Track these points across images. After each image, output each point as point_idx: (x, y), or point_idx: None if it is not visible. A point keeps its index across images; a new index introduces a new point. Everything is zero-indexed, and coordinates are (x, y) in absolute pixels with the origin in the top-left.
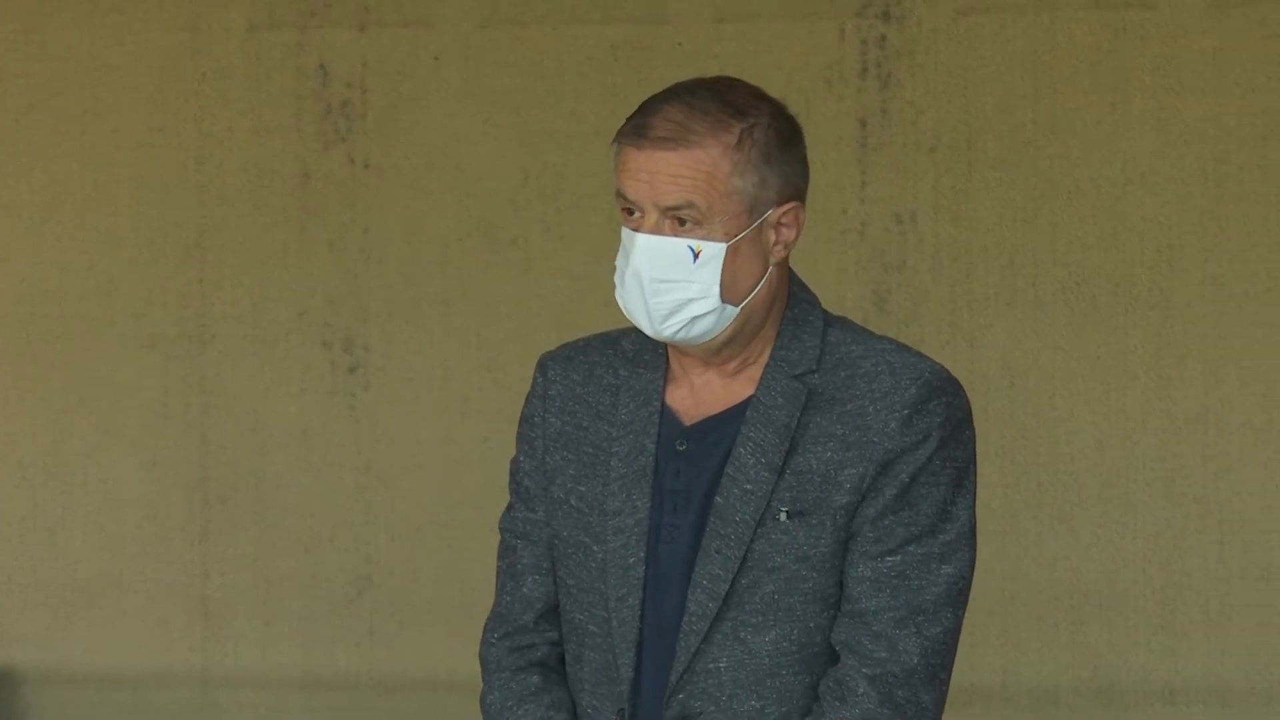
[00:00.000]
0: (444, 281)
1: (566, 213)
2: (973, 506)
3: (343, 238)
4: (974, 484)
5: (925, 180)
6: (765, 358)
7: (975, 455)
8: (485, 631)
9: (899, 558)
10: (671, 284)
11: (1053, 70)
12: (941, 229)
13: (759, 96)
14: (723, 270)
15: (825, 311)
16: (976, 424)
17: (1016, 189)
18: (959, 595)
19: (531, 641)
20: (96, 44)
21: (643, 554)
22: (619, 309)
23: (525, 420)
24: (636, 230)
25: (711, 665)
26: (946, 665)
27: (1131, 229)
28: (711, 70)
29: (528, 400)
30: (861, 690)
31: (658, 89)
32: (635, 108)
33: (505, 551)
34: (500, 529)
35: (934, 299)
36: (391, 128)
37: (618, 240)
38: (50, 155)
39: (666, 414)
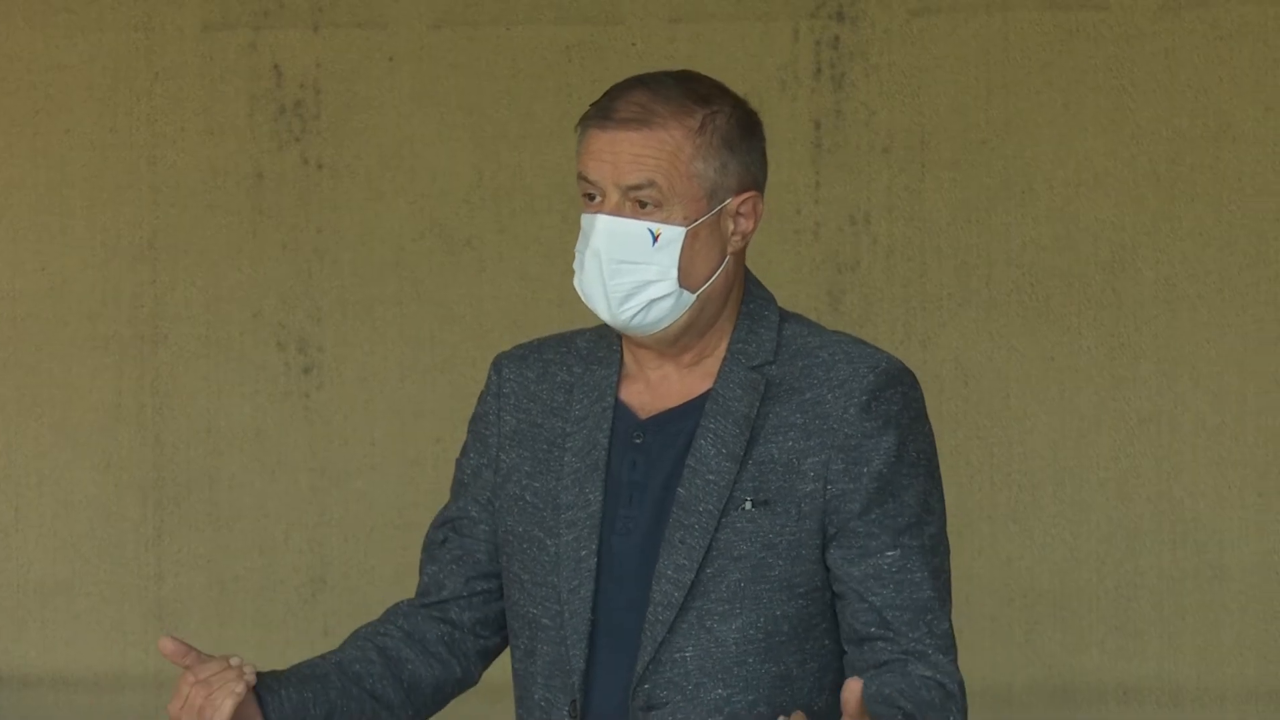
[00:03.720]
0: (398, 282)
1: (521, 213)
2: (943, 499)
3: (296, 238)
4: (940, 476)
5: (879, 181)
6: (722, 351)
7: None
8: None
9: (897, 552)
10: (631, 265)
11: (1005, 71)
12: (895, 229)
13: (721, 88)
14: (681, 254)
15: (781, 308)
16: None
17: (970, 189)
18: (948, 589)
19: (437, 615)
20: (48, 44)
21: (595, 546)
22: (573, 310)
23: (479, 418)
24: (596, 213)
25: (678, 655)
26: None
27: (1084, 229)
28: None
29: (481, 398)
30: (916, 658)
31: None
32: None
33: (428, 543)
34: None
35: (887, 299)
36: (345, 128)
37: (572, 240)
38: (1, 155)
39: (621, 409)
